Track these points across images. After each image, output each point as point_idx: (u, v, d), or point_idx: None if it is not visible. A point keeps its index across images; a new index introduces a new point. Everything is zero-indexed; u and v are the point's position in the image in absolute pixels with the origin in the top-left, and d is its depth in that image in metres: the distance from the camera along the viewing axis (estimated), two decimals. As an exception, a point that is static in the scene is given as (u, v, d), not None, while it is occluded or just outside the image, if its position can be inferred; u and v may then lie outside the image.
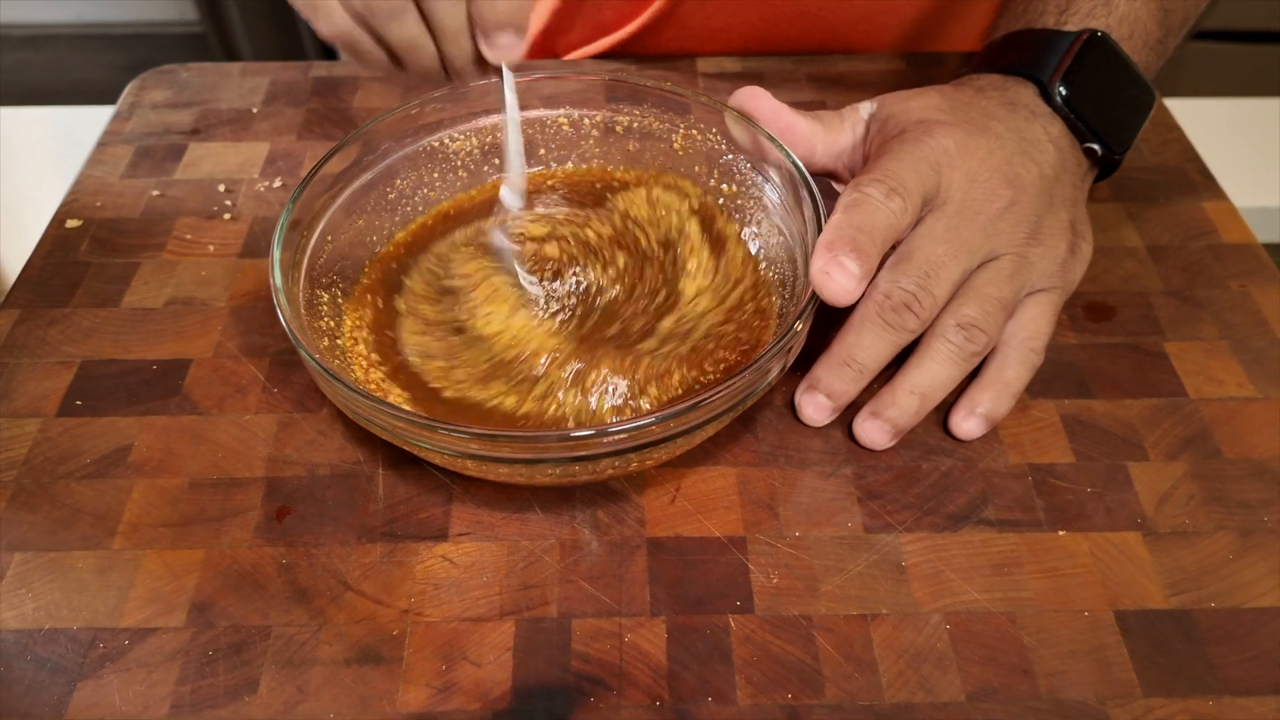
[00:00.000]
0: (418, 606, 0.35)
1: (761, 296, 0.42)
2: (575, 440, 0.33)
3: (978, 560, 0.37)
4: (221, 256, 0.48)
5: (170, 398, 0.42)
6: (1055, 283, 0.40)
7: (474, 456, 0.34)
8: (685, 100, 0.46)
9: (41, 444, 0.40)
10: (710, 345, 0.40)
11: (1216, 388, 0.43)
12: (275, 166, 0.53)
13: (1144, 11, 0.43)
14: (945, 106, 0.41)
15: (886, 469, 0.39)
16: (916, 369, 0.39)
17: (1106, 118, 0.42)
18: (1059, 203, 0.41)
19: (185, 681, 0.33)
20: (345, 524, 0.38)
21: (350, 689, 0.33)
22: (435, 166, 0.47)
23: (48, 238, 0.49)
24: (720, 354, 0.40)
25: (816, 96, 0.58)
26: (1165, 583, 0.36)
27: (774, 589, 0.36)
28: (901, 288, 0.37)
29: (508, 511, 0.38)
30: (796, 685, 0.33)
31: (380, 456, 0.40)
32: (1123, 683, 0.33)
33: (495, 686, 0.33)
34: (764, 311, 0.42)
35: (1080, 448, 0.40)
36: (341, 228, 0.43)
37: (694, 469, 0.39)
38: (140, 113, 0.57)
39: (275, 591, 0.36)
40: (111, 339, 0.44)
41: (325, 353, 0.38)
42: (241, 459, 0.40)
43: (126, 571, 0.36)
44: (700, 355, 0.40)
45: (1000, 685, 0.33)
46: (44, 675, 0.34)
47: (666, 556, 0.37)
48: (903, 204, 0.37)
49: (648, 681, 0.33)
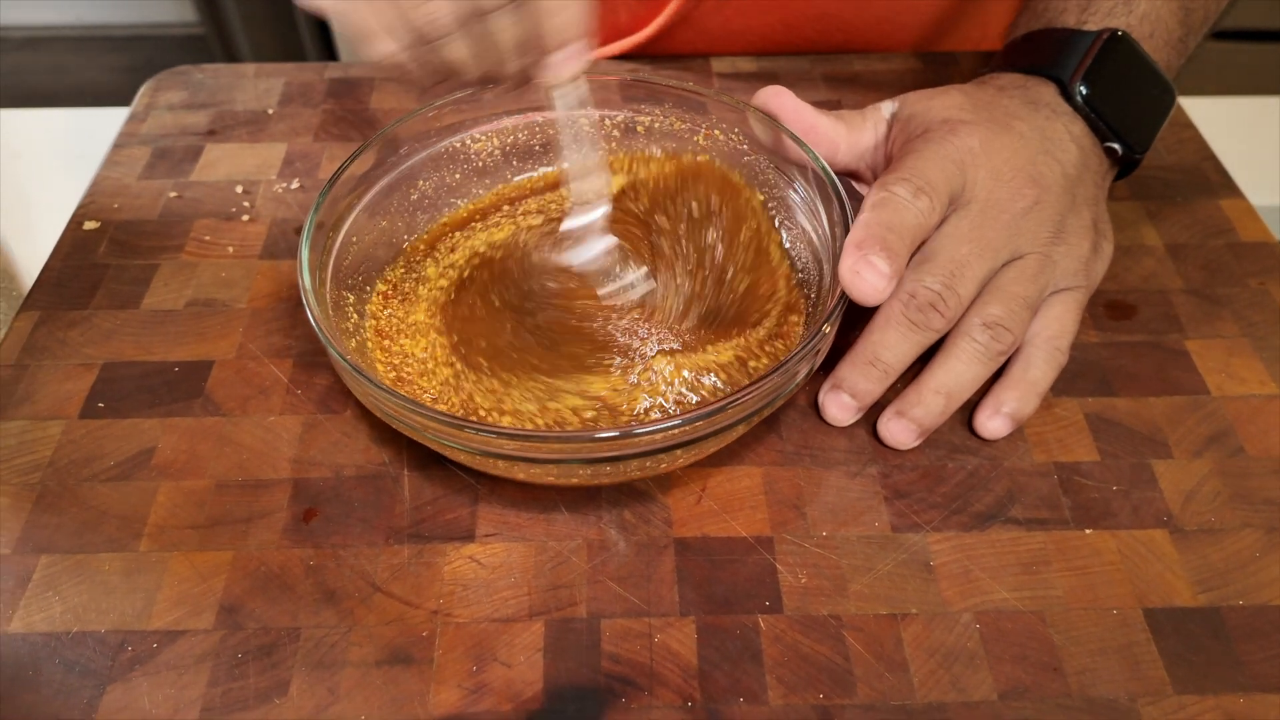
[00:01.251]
0: (447, 607, 0.35)
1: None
2: (603, 441, 0.33)
3: (1006, 559, 0.37)
4: (241, 258, 0.48)
5: (193, 399, 0.42)
6: (1079, 281, 0.40)
7: (503, 456, 0.34)
8: (706, 100, 0.46)
9: (65, 446, 0.40)
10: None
11: (1238, 385, 0.43)
12: (293, 168, 0.53)
13: (1165, 10, 0.44)
14: (968, 105, 0.41)
15: (912, 468, 0.39)
16: (942, 368, 0.39)
17: (1127, 117, 0.42)
18: (1081, 202, 0.41)
19: (215, 684, 0.33)
20: (372, 525, 0.38)
21: (381, 690, 0.33)
22: (457, 168, 0.47)
23: (65, 240, 0.49)
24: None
25: (832, 96, 0.58)
26: (1193, 580, 0.36)
27: (802, 589, 0.36)
28: (927, 287, 0.37)
29: (534, 512, 0.38)
30: (828, 685, 0.33)
31: (405, 458, 0.40)
32: (1153, 680, 0.33)
33: (527, 687, 0.33)
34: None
35: (1105, 446, 0.40)
36: (365, 229, 0.43)
37: (719, 469, 0.39)
38: (156, 114, 0.57)
39: (304, 593, 0.36)
40: (132, 340, 0.44)
41: (354, 354, 0.38)
42: (267, 460, 0.40)
43: (154, 574, 0.36)
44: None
45: (1031, 683, 0.33)
46: (73, 678, 0.33)
47: (694, 557, 0.37)
48: (930, 203, 0.37)
49: (679, 682, 0.33)
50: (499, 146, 0.47)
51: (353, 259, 0.42)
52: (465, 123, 0.46)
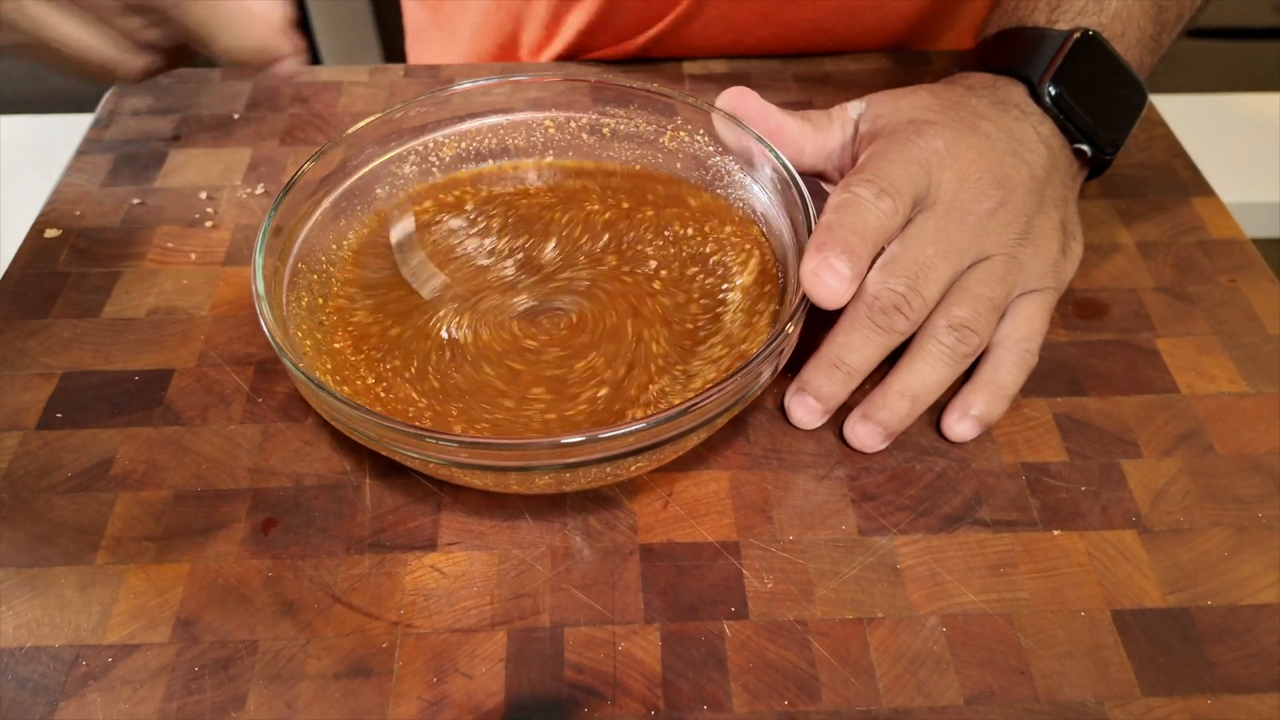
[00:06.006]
0: (408, 618, 0.35)
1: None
2: (565, 447, 0.33)
3: (973, 561, 0.36)
4: (204, 265, 0.48)
5: (153, 408, 0.41)
6: (1047, 283, 0.40)
7: (463, 465, 0.33)
8: (672, 101, 0.45)
9: (21, 458, 0.39)
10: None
11: (1209, 384, 0.42)
12: (258, 173, 0.53)
13: (1137, 9, 0.43)
14: (935, 106, 0.41)
15: (880, 471, 0.39)
16: (908, 370, 0.39)
17: (1097, 117, 0.42)
18: (1050, 203, 0.41)
19: (171, 699, 0.33)
20: (333, 535, 0.37)
21: (340, 703, 0.33)
22: (417, 169, 0.46)
23: (26, 248, 0.48)
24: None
25: (803, 97, 0.58)
26: (1162, 581, 0.36)
27: (768, 594, 0.35)
28: (890, 289, 0.37)
29: (498, 520, 0.38)
30: (793, 691, 0.33)
31: (367, 466, 0.39)
32: (1121, 683, 0.33)
33: (488, 698, 0.33)
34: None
35: (1074, 446, 0.40)
36: (326, 233, 0.42)
37: (686, 473, 0.39)
38: (120, 120, 0.56)
39: (262, 605, 0.35)
40: (92, 350, 0.44)
41: (309, 361, 0.37)
42: (226, 470, 0.39)
43: (110, 587, 0.35)
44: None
45: (998, 687, 0.33)
46: (25, 695, 0.33)
47: (659, 563, 0.36)
48: (893, 205, 0.37)
49: (642, 691, 0.33)
50: (462, 149, 0.47)
51: (311, 264, 0.41)
52: (427, 126, 0.45)
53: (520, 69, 0.63)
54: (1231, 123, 0.72)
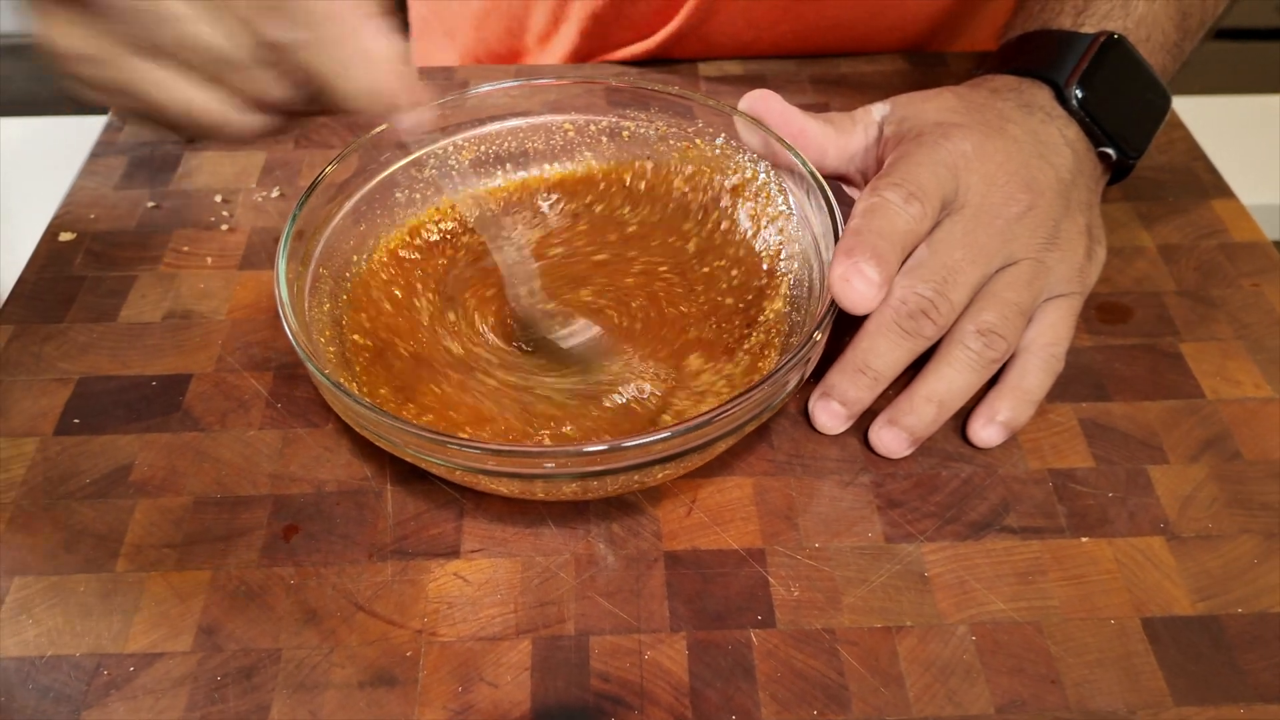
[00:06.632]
0: (431, 626, 0.34)
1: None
2: (590, 455, 0.32)
3: (1001, 569, 0.36)
4: (220, 268, 0.47)
5: (171, 414, 0.41)
6: (1073, 288, 0.40)
7: (487, 472, 0.33)
8: (692, 105, 0.45)
9: (40, 464, 0.39)
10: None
11: (1234, 388, 0.42)
12: (273, 176, 0.52)
13: (1162, 14, 0.43)
14: (961, 108, 0.40)
15: (905, 477, 0.39)
16: (934, 376, 0.38)
17: (1122, 121, 0.41)
18: (1075, 207, 0.40)
19: (194, 708, 0.32)
20: (354, 542, 0.37)
21: (365, 713, 0.32)
22: (436, 173, 0.46)
23: (41, 252, 0.48)
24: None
25: (819, 99, 0.58)
26: (1191, 588, 0.35)
27: (795, 602, 0.35)
28: (918, 293, 0.37)
29: (520, 526, 0.37)
30: (822, 701, 0.33)
31: (388, 472, 0.39)
32: (1153, 691, 0.33)
33: (514, 708, 0.32)
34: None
35: (1100, 452, 0.40)
36: (346, 237, 0.42)
37: (709, 480, 0.39)
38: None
39: (284, 613, 0.35)
40: (109, 354, 0.43)
41: (332, 367, 0.37)
42: (246, 476, 0.39)
43: (131, 595, 0.35)
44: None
45: (1029, 696, 0.33)
46: (47, 704, 0.32)
47: (684, 570, 0.36)
48: (921, 209, 0.37)
49: (670, 700, 0.33)
50: (481, 153, 0.46)
51: (332, 268, 0.41)
52: (447, 130, 0.45)
53: (538, 71, 0.62)
54: (1251, 125, 0.72)
